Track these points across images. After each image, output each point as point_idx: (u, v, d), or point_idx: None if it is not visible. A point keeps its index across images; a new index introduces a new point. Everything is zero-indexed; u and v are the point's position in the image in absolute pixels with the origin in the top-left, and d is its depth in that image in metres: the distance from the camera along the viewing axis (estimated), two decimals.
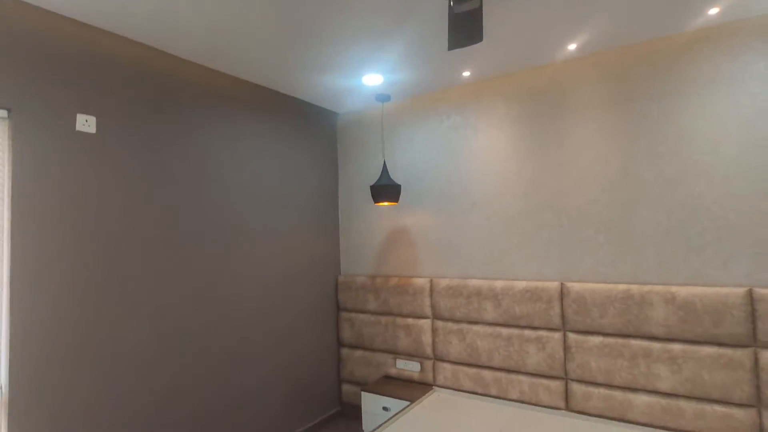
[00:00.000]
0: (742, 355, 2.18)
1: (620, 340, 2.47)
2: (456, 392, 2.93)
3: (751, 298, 2.18)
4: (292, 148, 3.22)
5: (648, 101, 2.49)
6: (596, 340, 2.53)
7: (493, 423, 2.40)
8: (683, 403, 2.31)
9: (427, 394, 2.86)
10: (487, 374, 2.89)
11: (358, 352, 3.46)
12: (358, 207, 3.60)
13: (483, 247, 3.00)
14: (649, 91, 2.49)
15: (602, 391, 2.52)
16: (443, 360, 3.08)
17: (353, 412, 3.48)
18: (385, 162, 3.16)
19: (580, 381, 2.59)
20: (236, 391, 2.72)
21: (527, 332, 2.75)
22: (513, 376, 2.80)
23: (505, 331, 2.82)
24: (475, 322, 2.94)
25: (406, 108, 3.36)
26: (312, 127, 3.43)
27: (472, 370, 2.95)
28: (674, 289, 2.34)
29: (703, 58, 2.35)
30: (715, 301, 2.23)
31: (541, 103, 2.81)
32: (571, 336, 2.61)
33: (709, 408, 2.25)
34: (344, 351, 3.54)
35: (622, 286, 2.48)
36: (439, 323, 3.09)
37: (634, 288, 2.44)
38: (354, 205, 3.62)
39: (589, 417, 2.53)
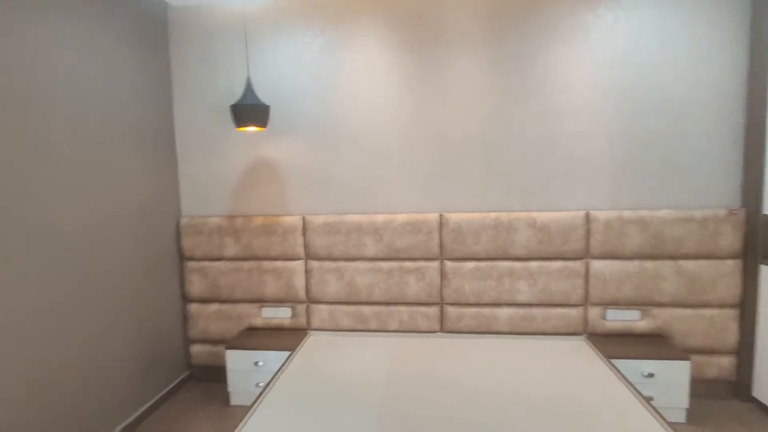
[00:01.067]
0: (579, 265, 2.66)
1: (490, 263, 2.71)
2: (335, 333, 2.80)
3: (587, 219, 2.63)
4: (91, 48, 2.31)
5: (521, 39, 2.63)
6: (470, 265, 2.72)
7: (376, 355, 2.39)
8: (536, 311, 2.71)
9: (304, 340, 2.65)
10: (366, 310, 2.84)
11: (213, 306, 2.94)
12: (204, 133, 2.91)
13: (362, 180, 2.82)
14: (522, 30, 2.62)
15: (473, 310, 2.75)
16: (319, 302, 2.88)
17: (208, 374, 3.00)
18: (249, 77, 2.58)
19: (454, 304, 2.77)
20: (69, 359, 1.95)
21: (407, 264, 2.77)
22: (393, 308, 2.82)
23: (386, 265, 2.78)
24: (355, 259, 2.81)
25: (274, 13, 2.78)
26: (122, 20, 2.52)
27: (351, 308, 2.85)
28: (534, 214, 2.65)
29: (566, 6, 2.58)
30: (565, 224, 2.63)
31: (424, 31, 2.68)
32: (448, 264, 2.74)
33: (553, 311, 2.70)
34: (193, 307, 2.96)
35: (493, 215, 2.68)
36: (314, 263, 2.84)
37: (504, 215, 2.67)
38: (198, 131, 2.91)
39: (461, 334, 2.76)
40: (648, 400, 1.93)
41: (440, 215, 2.73)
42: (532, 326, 2.72)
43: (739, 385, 2.61)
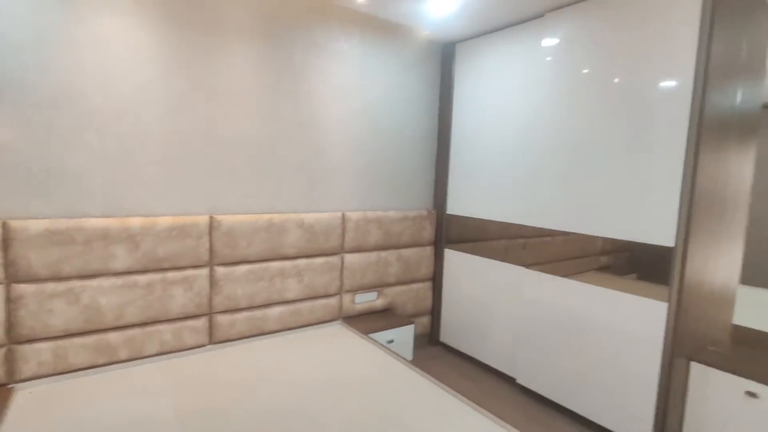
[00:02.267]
0: (336, 260, 3.04)
1: (263, 265, 2.71)
2: (63, 377, 2.12)
3: (343, 219, 3.05)
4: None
5: (293, 47, 2.75)
6: (243, 269, 2.64)
7: (118, 398, 1.98)
8: (302, 305, 2.92)
9: (4, 405, 1.89)
10: (114, 337, 2.27)
11: None
12: None
13: (110, 174, 2.23)
14: (295, 38, 2.75)
15: (245, 314, 2.68)
16: (35, 340, 2.08)
17: None
18: None
19: (225, 311, 2.61)
20: None
21: (172, 274, 2.40)
22: (152, 328, 2.37)
23: (143, 278, 2.31)
24: (97, 275, 2.20)
25: None
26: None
27: (91, 338, 2.21)
28: (303, 215, 2.85)
29: (329, 30, 2.89)
30: (327, 224, 2.95)
31: (198, 12, 2.39)
32: (220, 269, 2.56)
33: (317, 303, 2.98)
34: None
35: (266, 216, 2.70)
36: (28, 288, 2.04)
37: (276, 217, 2.73)
38: None
39: (232, 342, 2.64)
40: (390, 342, 2.51)
41: (210, 217, 2.51)
42: (299, 320, 2.91)
43: (432, 335, 3.67)
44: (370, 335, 2.88)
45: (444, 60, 3.49)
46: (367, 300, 3.24)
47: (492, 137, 3.14)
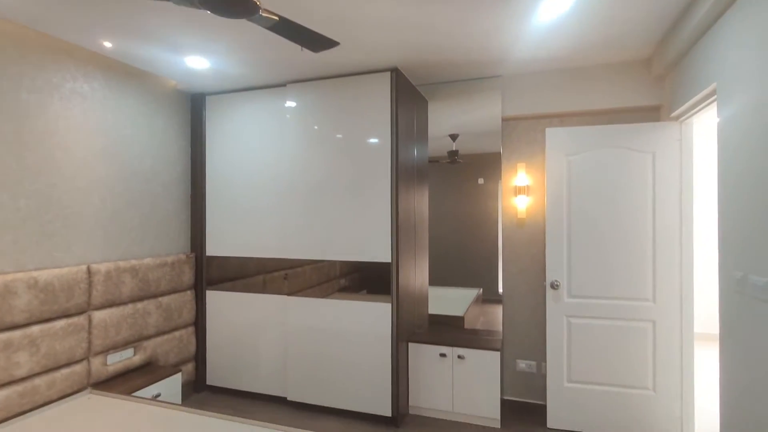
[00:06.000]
0: (83, 318, 2.70)
1: None
2: None
3: (89, 272, 2.75)
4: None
5: (18, 86, 2.40)
6: None
7: None
8: (38, 380, 2.45)
9: None
10: None
11: None
12: None
13: None
14: (19, 77, 2.41)
15: None
16: None
17: None
18: None
19: None
20: None
21: None
22: None
23: None
24: None
25: None
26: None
27: None
28: (36, 273, 2.44)
29: (64, 69, 2.65)
30: (68, 279, 2.61)
31: None
32: None
33: (58, 374, 2.55)
34: None
35: None
36: None
37: None
38: None
39: None
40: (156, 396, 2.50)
41: None
42: (35, 399, 2.43)
43: (198, 381, 3.60)
44: (134, 395, 2.68)
45: (194, 109, 3.65)
46: (122, 359, 2.96)
47: (245, 181, 3.50)
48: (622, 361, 2.89)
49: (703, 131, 4.83)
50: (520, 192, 3.30)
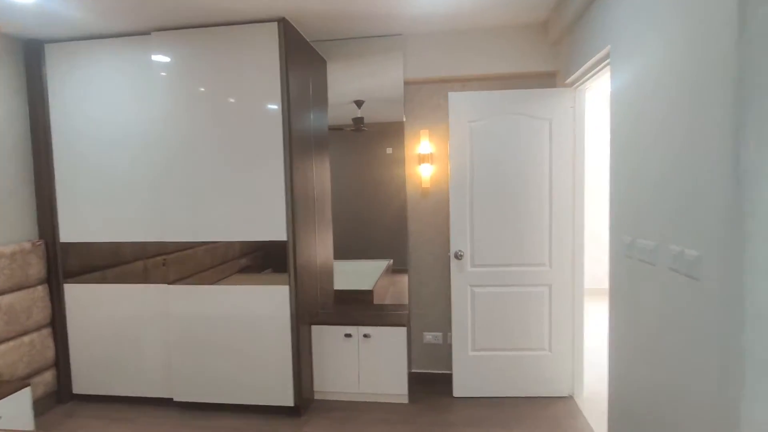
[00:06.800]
0: None
1: None
2: None
3: None
4: None
5: None
6: None
7: None
8: None
9: None
10: None
11: None
12: None
13: None
14: None
15: None
16: None
17: None
18: None
19: None
20: None
21: None
22: None
23: None
24: None
25: None
26: None
27: None
28: None
29: None
30: None
31: None
32: None
33: None
34: None
35: None
36: None
37: None
38: None
39: None
40: None
41: None
42: None
43: (61, 391, 3.03)
44: None
45: (30, 60, 2.90)
46: None
47: (107, 151, 2.90)
48: (523, 325, 2.95)
49: (599, 98, 5.07)
50: (424, 160, 3.16)
